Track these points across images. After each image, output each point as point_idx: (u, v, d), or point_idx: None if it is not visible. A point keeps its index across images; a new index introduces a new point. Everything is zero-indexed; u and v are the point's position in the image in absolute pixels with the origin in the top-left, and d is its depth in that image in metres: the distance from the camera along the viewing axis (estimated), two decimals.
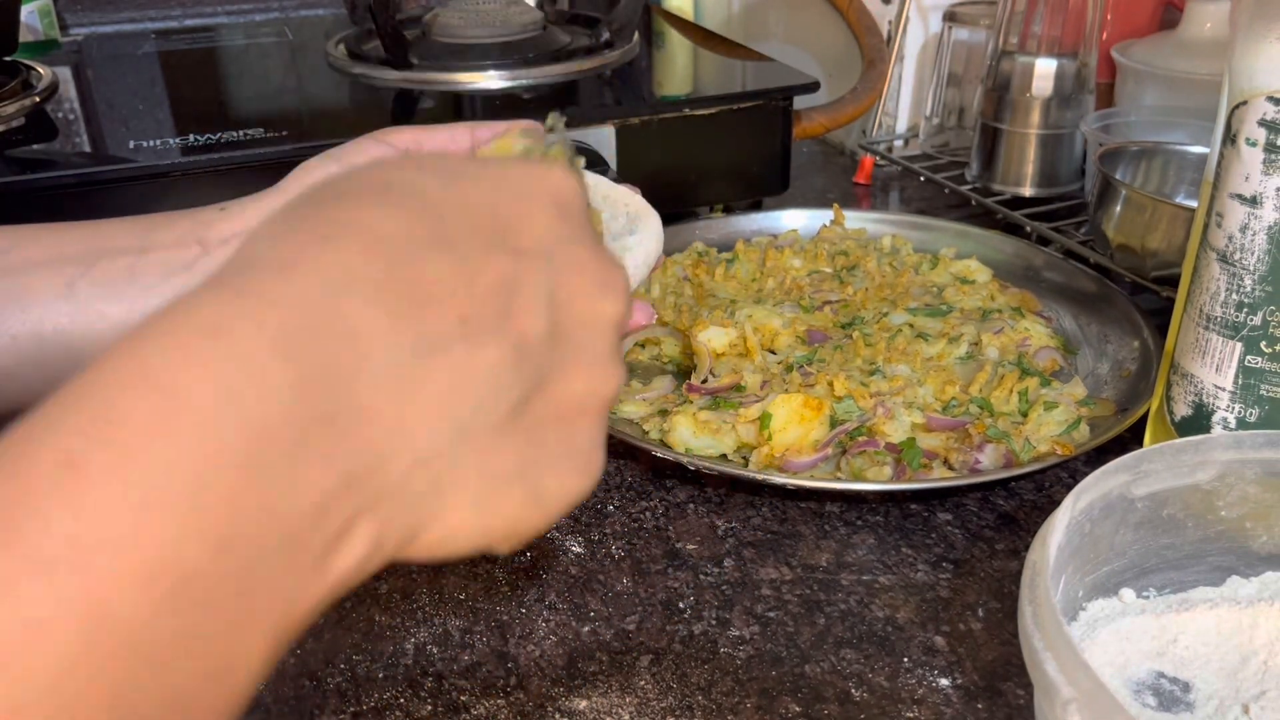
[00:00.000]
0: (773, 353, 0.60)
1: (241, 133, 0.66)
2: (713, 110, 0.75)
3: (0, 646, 0.17)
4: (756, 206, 0.82)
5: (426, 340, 0.23)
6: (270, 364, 0.20)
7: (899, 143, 0.96)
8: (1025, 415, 0.54)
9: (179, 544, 0.19)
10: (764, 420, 0.52)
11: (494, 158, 0.29)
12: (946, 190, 0.85)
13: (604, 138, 0.72)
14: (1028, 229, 0.77)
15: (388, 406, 0.22)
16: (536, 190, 0.26)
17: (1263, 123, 0.41)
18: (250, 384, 0.20)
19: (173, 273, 0.42)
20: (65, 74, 0.81)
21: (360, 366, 0.22)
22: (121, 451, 0.19)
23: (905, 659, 0.42)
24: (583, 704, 0.40)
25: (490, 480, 0.24)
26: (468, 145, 0.43)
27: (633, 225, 0.44)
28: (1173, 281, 0.64)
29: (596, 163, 0.71)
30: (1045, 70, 0.79)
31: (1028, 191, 0.82)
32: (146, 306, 0.42)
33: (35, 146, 0.68)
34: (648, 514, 0.51)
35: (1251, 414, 0.45)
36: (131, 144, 0.66)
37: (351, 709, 0.40)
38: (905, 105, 0.96)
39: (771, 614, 0.45)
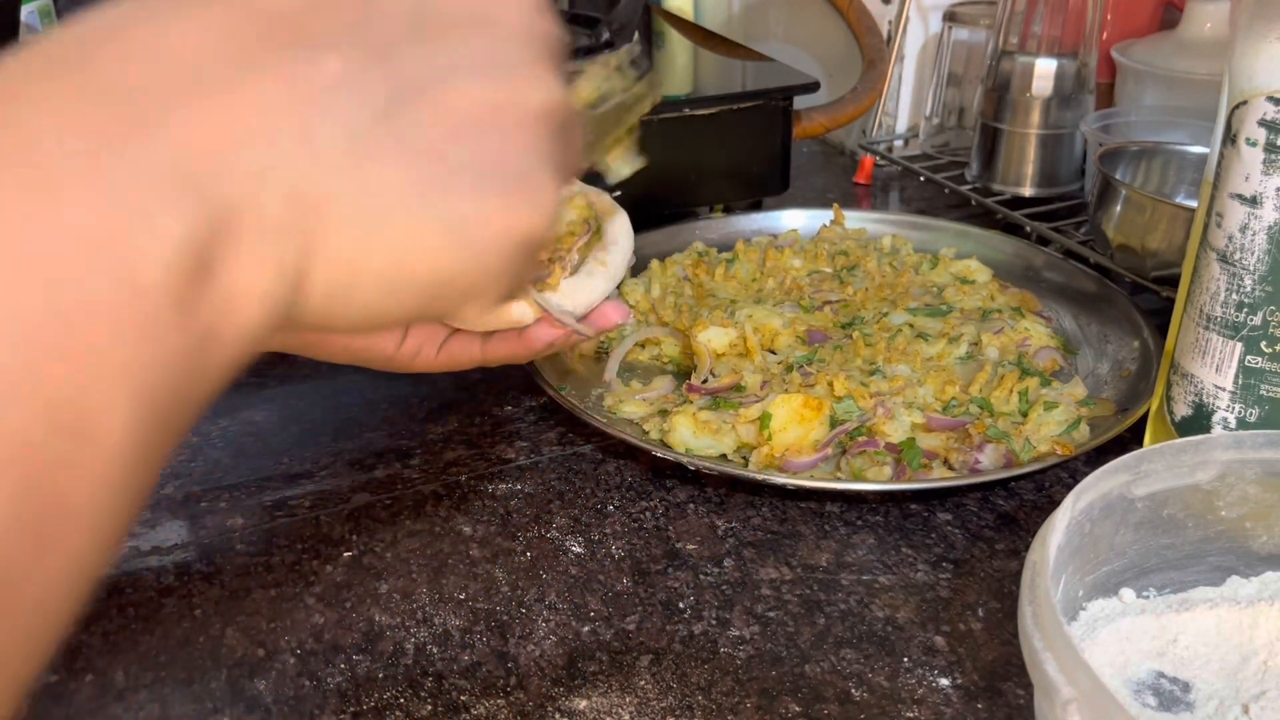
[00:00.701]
0: (773, 353, 0.60)
1: None
2: (713, 110, 0.75)
3: None
4: (756, 206, 0.82)
5: (254, 53, 0.20)
6: (93, 110, 0.18)
7: (899, 143, 0.96)
8: (1025, 415, 0.54)
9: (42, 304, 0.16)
10: (764, 420, 0.52)
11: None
12: (946, 190, 0.85)
13: None
14: (1028, 229, 0.77)
15: (218, 125, 0.19)
16: None
17: (1263, 123, 0.41)
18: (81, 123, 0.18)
19: None
20: None
21: (187, 80, 0.19)
22: None
23: (905, 659, 0.42)
24: (583, 704, 0.40)
25: (377, 199, 0.21)
26: None
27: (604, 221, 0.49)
28: (1173, 281, 0.64)
29: None
30: (1045, 70, 0.79)
31: (1028, 191, 0.82)
32: None
33: None
34: (648, 514, 0.51)
35: (1251, 414, 0.45)
36: None
37: (351, 709, 0.40)
38: (905, 105, 0.96)
39: (771, 614, 0.44)
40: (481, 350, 0.47)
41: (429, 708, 0.40)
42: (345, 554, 0.48)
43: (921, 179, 0.89)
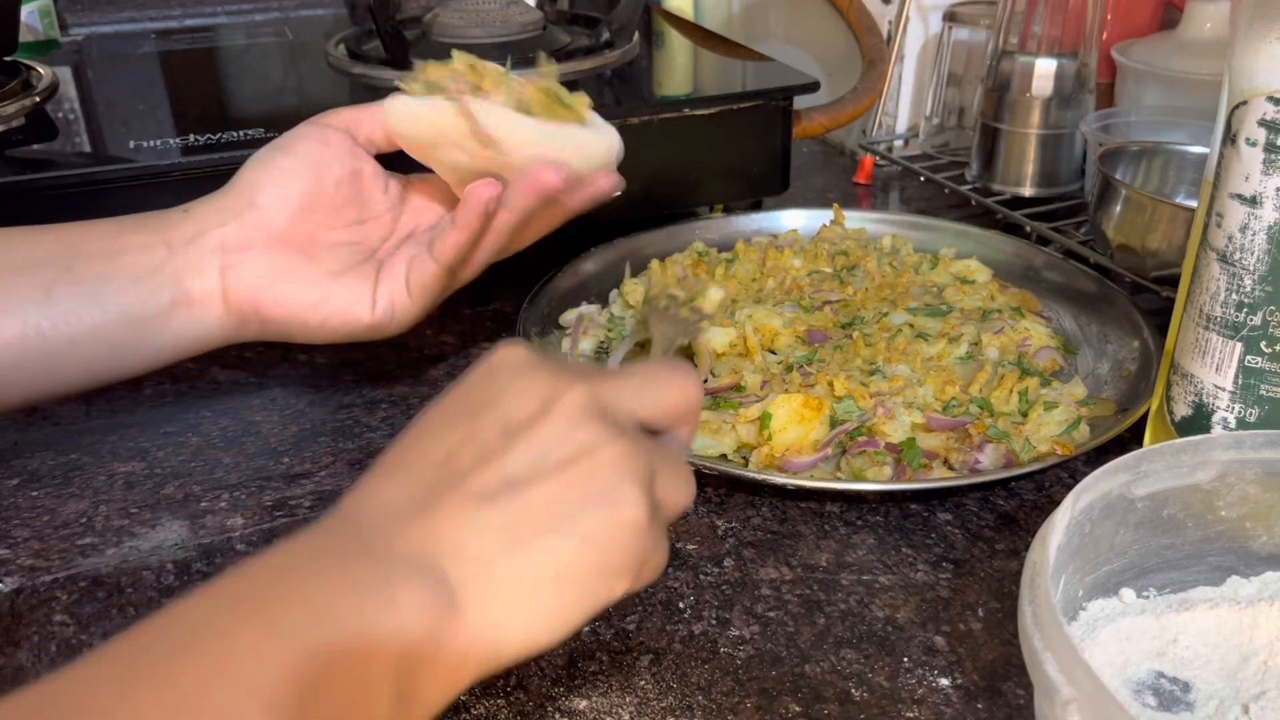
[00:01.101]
0: (773, 353, 0.60)
1: (242, 133, 0.66)
2: (713, 110, 0.75)
3: None
4: (756, 206, 0.82)
5: (438, 486, 0.31)
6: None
7: (899, 143, 0.96)
8: (1025, 415, 0.54)
9: None
10: (764, 420, 0.52)
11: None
12: (946, 190, 0.85)
13: None
14: (1028, 229, 0.77)
15: (417, 542, 0.30)
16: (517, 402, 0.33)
17: (1263, 123, 0.41)
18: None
19: (142, 276, 0.47)
20: (65, 74, 0.81)
21: (389, 529, 0.30)
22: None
23: (905, 659, 0.42)
24: (583, 704, 0.40)
25: (536, 578, 0.30)
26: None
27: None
28: (1173, 281, 0.64)
29: None
30: (1045, 70, 0.79)
31: (1028, 191, 0.82)
32: (120, 308, 0.46)
33: (35, 146, 0.68)
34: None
35: (1251, 414, 0.45)
36: (131, 144, 0.66)
37: None
38: (905, 105, 0.96)
39: (771, 614, 0.45)
40: (447, 270, 0.51)
41: None
42: None
43: (921, 179, 0.89)
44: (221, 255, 0.48)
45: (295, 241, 0.50)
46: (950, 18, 0.89)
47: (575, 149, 0.50)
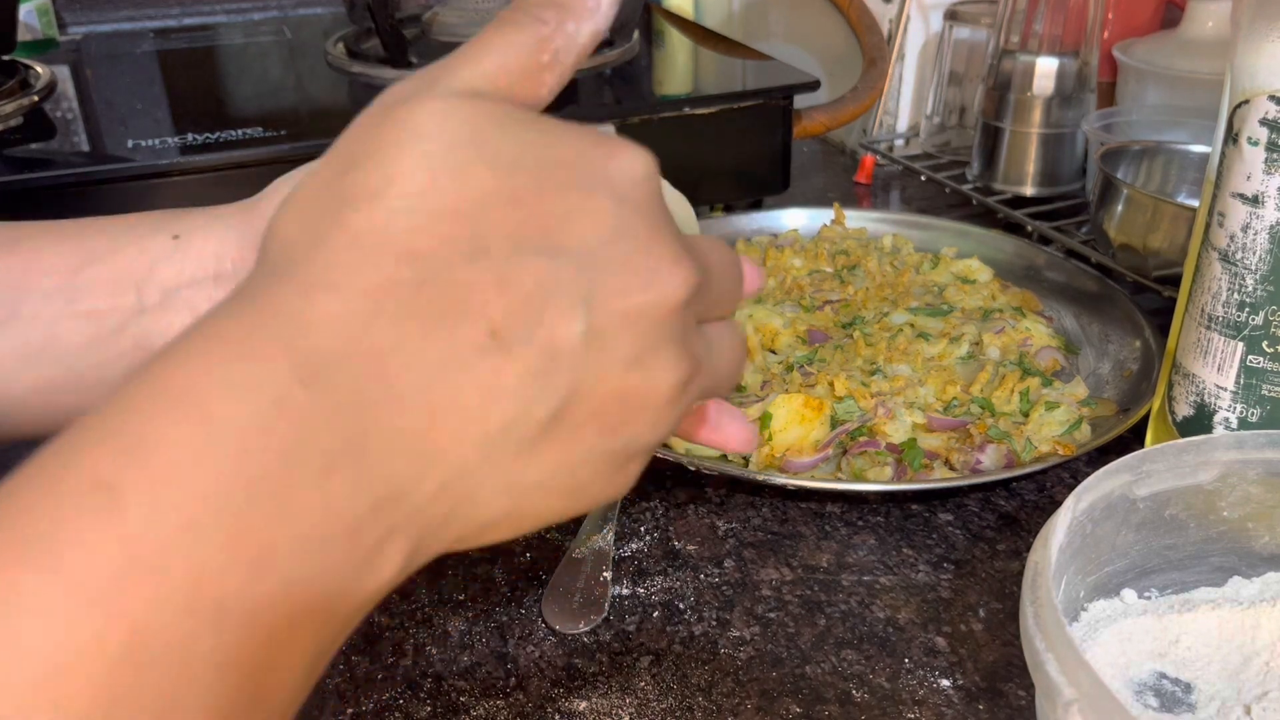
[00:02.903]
0: (773, 352, 0.60)
1: (240, 132, 0.66)
2: (713, 109, 0.75)
3: (42, 672, 0.17)
4: (757, 206, 0.82)
5: (456, 357, 0.22)
6: (299, 392, 0.20)
7: (900, 142, 0.96)
8: (1026, 415, 0.54)
9: (217, 568, 0.19)
10: (764, 420, 0.52)
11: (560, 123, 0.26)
12: (947, 189, 0.85)
13: None
14: (1029, 228, 0.77)
15: (415, 429, 0.22)
16: (593, 179, 0.24)
17: (1264, 122, 0.41)
18: (280, 413, 0.20)
19: (100, 339, 0.35)
20: (63, 73, 0.81)
21: (388, 389, 0.22)
22: (157, 477, 0.19)
23: (906, 660, 0.42)
24: (582, 705, 0.40)
25: (523, 489, 0.24)
26: None
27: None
28: (1174, 281, 0.64)
29: None
30: (1046, 69, 0.79)
31: (1029, 191, 0.82)
32: (66, 369, 0.35)
33: (33, 146, 0.68)
34: (648, 514, 0.51)
35: (1253, 414, 0.44)
36: (130, 143, 0.66)
37: (351, 710, 0.40)
38: (906, 104, 0.95)
39: (772, 615, 0.44)
40: None
41: (428, 709, 0.40)
42: None
43: (922, 178, 0.88)
44: None
45: None
46: (951, 16, 0.89)
47: None
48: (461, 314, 0.22)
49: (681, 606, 0.45)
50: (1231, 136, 0.42)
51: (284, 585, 0.20)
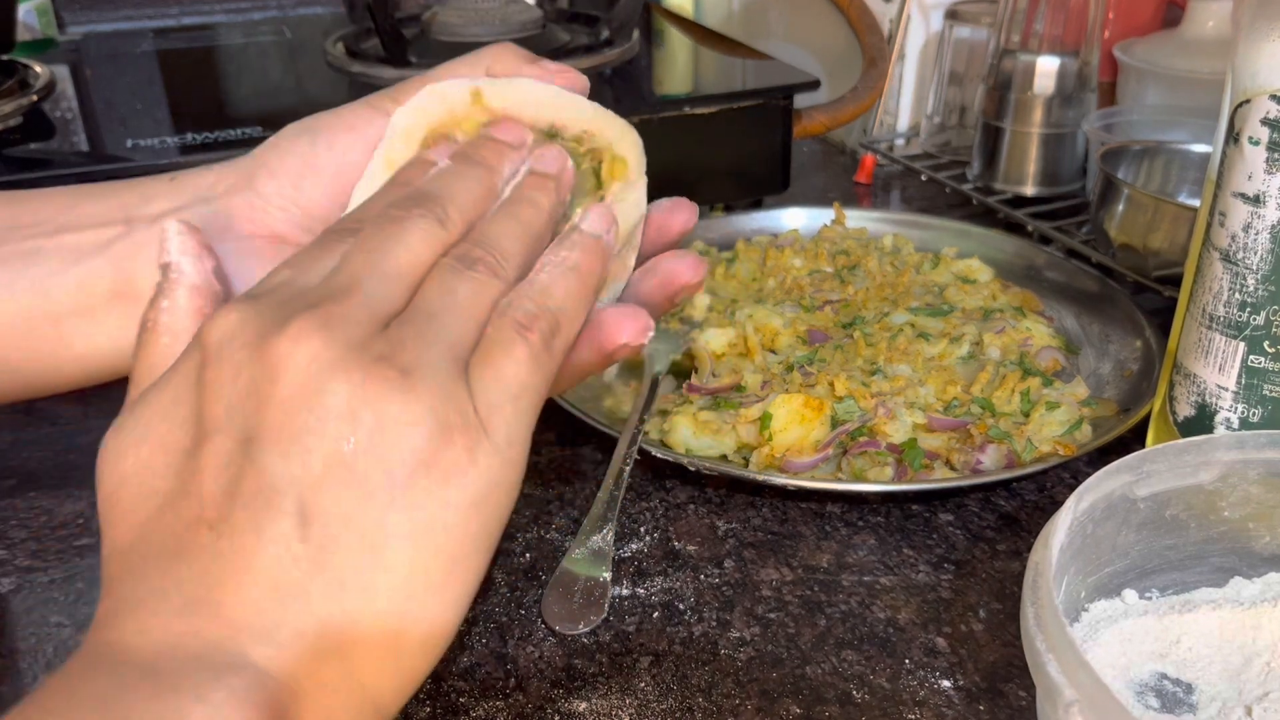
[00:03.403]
0: (773, 352, 0.60)
1: (240, 131, 0.66)
2: (713, 109, 0.75)
3: None
4: (757, 205, 0.81)
5: (196, 564, 0.25)
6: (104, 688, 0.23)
7: (900, 141, 0.95)
8: (1027, 415, 0.54)
9: None
10: (764, 420, 0.52)
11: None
12: (948, 189, 0.85)
13: None
14: (1029, 228, 0.77)
15: (210, 626, 0.25)
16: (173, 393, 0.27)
17: (1266, 121, 0.41)
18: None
19: (81, 257, 0.35)
20: (63, 73, 0.81)
21: (166, 623, 0.25)
22: None
23: (906, 660, 0.42)
24: (582, 705, 0.40)
25: (362, 577, 0.25)
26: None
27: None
28: (1175, 281, 0.64)
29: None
30: (1047, 69, 0.78)
31: (1029, 190, 0.82)
32: (39, 297, 0.35)
33: (32, 145, 0.68)
34: (647, 514, 0.50)
35: (1254, 414, 0.44)
36: (129, 143, 0.66)
37: None
38: (906, 104, 0.95)
39: (772, 615, 0.44)
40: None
41: (428, 709, 0.40)
42: None
43: (923, 178, 0.88)
44: None
45: (288, 250, 0.36)
46: (951, 16, 0.89)
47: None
48: (178, 546, 0.25)
49: (681, 607, 0.45)
50: (1232, 136, 0.42)
51: None
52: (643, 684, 0.41)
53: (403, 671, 0.26)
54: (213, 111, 0.74)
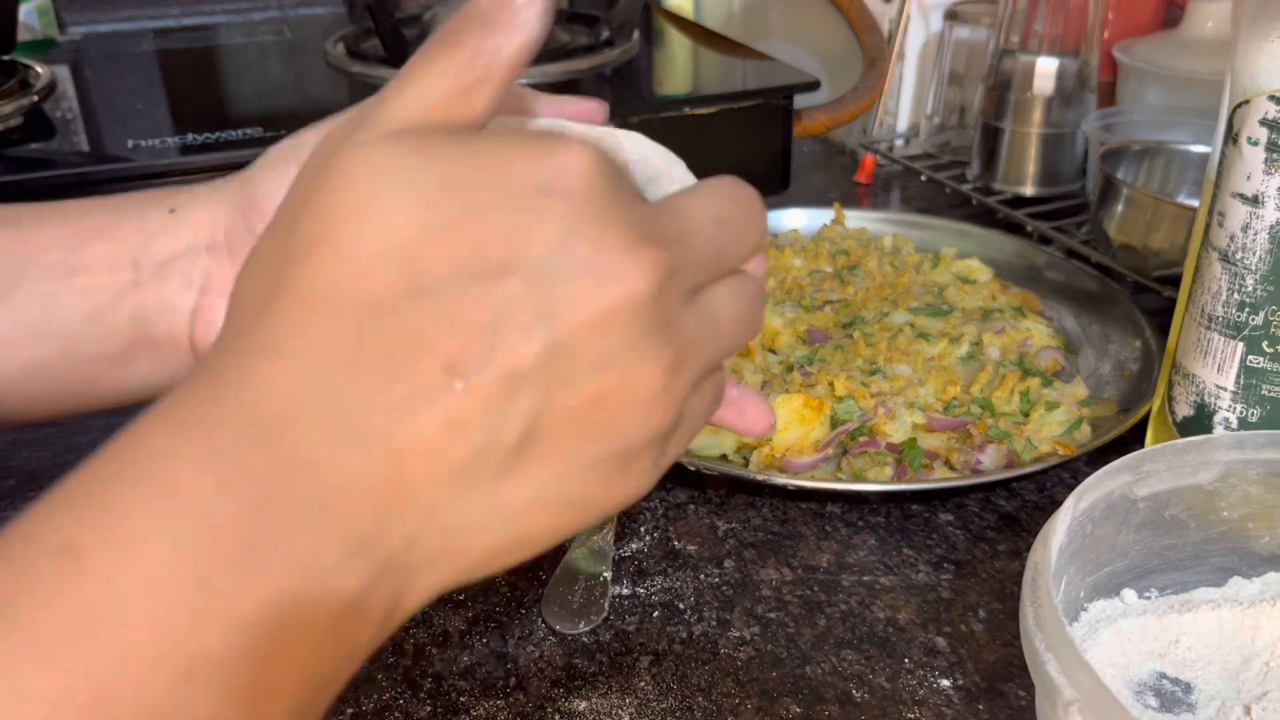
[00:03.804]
0: (773, 352, 0.60)
1: (240, 132, 0.66)
2: (713, 109, 0.75)
3: None
4: None
5: (413, 398, 0.22)
6: (256, 454, 0.21)
7: (900, 142, 0.96)
8: (1027, 415, 0.54)
9: (182, 627, 0.19)
10: None
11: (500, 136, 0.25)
12: (948, 189, 0.85)
13: None
14: (1029, 228, 0.77)
15: (378, 476, 0.22)
16: (529, 188, 0.23)
17: (1264, 122, 0.41)
18: (240, 476, 0.20)
19: (100, 308, 0.35)
20: (63, 73, 0.81)
21: (347, 441, 0.22)
22: (119, 541, 0.19)
23: (906, 660, 0.42)
24: (582, 705, 0.40)
25: (515, 512, 0.24)
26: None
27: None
28: (1174, 281, 0.64)
29: None
30: (1047, 69, 0.79)
31: (1029, 191, 0.82)
32: (67, 344, 0.35)
33: (33, 146, 0.68)
34: (647, 514, 0.51)
35: (1253, 414, 0.44)
36: (130, 143, 0.66)
37: (351, 710, 0.40)
38: (906, 104, 0.95)
39: (772, 615, 0.44)
40: None
41: (428, 709, 0.40)
42: None
43: (923, 178, 0.88)
44: (198, 294, 0.36)
45: None
46: (951, 16, 0.89)
47: None
48: (412, 355, 0.22)
49: (681, 607, 0.45)
50: (1231, 136, 0.42)
51: (255, 642, 0.20)
52: (643, 683, 0.41)
53: (492, 565, 0.25)
54: (213, 112, 0.74)
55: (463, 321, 0.22)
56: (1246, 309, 0.43)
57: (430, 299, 0.22)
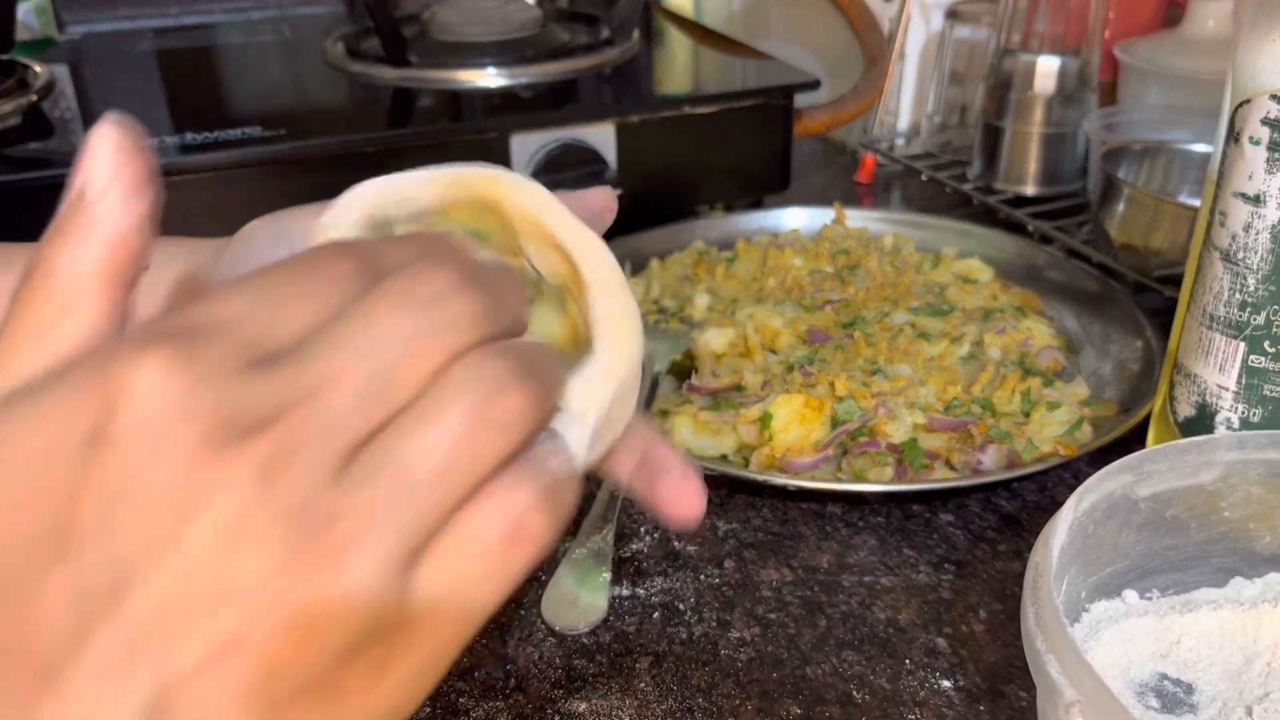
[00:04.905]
0: (774, 352, 0.60)
1: (239, 131, 0.66)
2: (713, 108, 0.75)
3: None
4: (757, 205, 0.81)
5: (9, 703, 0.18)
6: None
7: (900, 141, 0.95)
8: (1028, 415, 0.54)
9: None
10: (765, 421, 0.52)
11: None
12: (948, 189, 0.85)
13: (604, 136, 0.72)
14: (1030, 228, 0.77)
15: None
16: (80, 452, 0.18)
17: (1266, 121, 0.41)
18: None
19: None
20: (62, 72, 0.81)
21: None
22: None
23: (907, 661, 0.42)
24: (582, 706, 0.40)
25: None
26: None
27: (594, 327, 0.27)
28: (1176, 281, 0.64)
29: (595, 161, 0.71)
30: (1047, 68, 0.78)
31: (1030, 190, 0.82)
32: None
33: (31, 145, 0.68)
34: (647, 515, 0.50)
35: (1255, 414, 0.44)
36: None
37: None
38: (907, 103, 0.95)
39: (772, 616, 0.44)
40: None
41: (427, 710, 0.40)
42: None
43: (923, 178, 0.88)
44: None
45: None
46: (952, 15, 0.89)
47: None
48: None
49: (681, 607, 0.45)
50: (1233, 136, 0.42)
51: None
52: (643, 684, 0.41)
53: None
54: (212, 111, 0.74)
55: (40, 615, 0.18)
56: (1248, 309, 0.43)
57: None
